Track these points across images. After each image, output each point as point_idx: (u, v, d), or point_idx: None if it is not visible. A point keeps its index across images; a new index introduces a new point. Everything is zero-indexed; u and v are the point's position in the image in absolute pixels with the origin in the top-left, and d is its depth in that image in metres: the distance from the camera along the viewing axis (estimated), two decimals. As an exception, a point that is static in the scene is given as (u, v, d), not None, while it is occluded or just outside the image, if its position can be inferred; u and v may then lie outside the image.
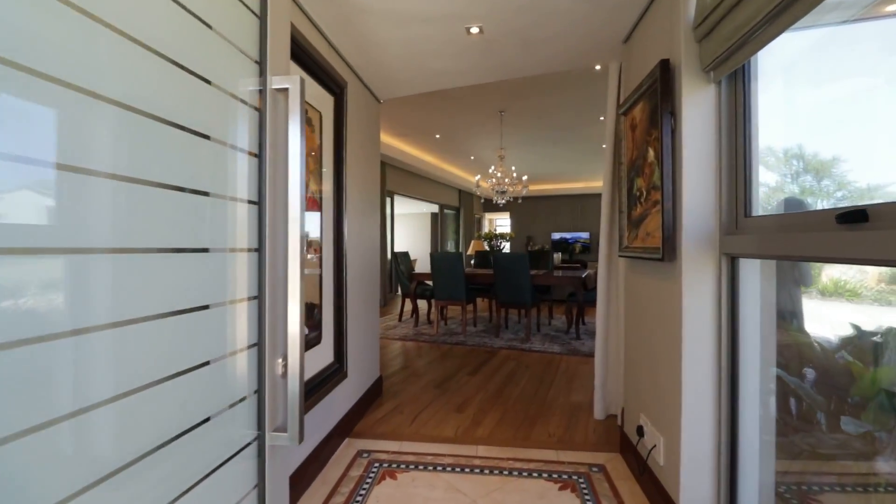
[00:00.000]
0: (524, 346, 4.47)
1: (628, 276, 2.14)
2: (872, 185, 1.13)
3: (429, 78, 2.77)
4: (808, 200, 1.32)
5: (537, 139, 6.94)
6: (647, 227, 1.76)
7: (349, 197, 2.40)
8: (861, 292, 1.37)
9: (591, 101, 5.15)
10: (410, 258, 6.45)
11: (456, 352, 4.27)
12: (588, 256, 12.26)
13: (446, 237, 11.47)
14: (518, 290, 4.73)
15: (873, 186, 1.12)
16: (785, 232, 1.21)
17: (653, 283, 1.75)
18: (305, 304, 1.94)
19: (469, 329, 5.36)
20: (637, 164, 1.88)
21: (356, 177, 2.56)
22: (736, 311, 1.46)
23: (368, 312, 2.79)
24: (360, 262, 2.62)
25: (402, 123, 6.14)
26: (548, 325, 5.60)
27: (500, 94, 4.91)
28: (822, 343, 1.45)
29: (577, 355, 4.09)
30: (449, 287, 5.03)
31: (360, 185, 2.66)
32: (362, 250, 2.67)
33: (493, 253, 5.71)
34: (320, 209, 1.95)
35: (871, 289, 1.24)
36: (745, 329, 1.46)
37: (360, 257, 2.62)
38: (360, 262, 2.61)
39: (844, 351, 1.44)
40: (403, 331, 5.26)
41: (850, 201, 1.19)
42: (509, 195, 6.39)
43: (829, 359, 1.47)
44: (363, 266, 2.68)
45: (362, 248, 2.67)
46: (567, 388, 3.17)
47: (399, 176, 8.35)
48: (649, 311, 1.80)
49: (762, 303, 1.45)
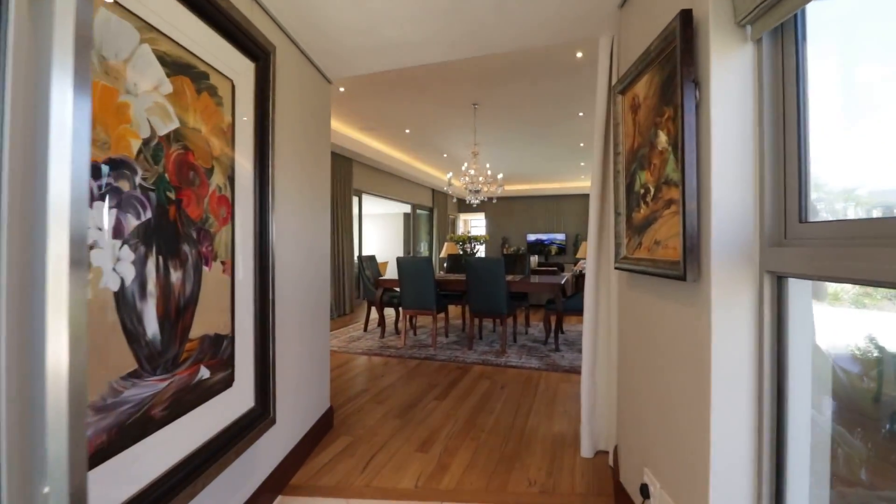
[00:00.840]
0: (499, 360, 4.06)
1: (626, 292, 1.75)
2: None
3: (385, 51, 2.32)
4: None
5: (512, 136, 6.58)
6: (655, 233, 1.37)
7: (281, 193, 1.92)
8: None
9: (569, 95, 4.81)
10: (377, 262, 5.97)
11: (424, 368, 3.83)
12: (564, 258, 12.05)
13: (419, 238, 11.02)
14: (493, 298, 4.33)
15: None
16: (871, 245, 0.82)
17: (666, 307, 1.36)
18: (207, 335, 1.47)
19: (440, 340, 4.93)
20: (641, 153, 1.49)
21: (295, 170, 2.09)
22: (784, 348, 1.08)
23: (315, 335, 2.32)
24: (302, 274, 2.15)
25: (368, 116, 5.65)
26: (524, 335, 5.22)
27: (472, 83, 4.50)
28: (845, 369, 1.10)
29: (558, 371, 3.71)
30: (418, 295, 4.58)
31: (303, 179, 2.18)
32: (305, 259, 2.20)
33: (466, 257, 5.29)
34: (230, 208, 1.48)
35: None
36: (794, 372, 1.08)
37: (301, 268, 2.15)
38: (300, 274, 2.13)
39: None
40: (368, 343, 4.77)
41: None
42: (484, 195, 6.00)
43: (855, 388, 1.12)
44: (307, 279, 2.20)
45: (305, 256, 2.20)
46: (548, 413, 2.78)
47: (367, 174, 7.84)
48: (660, 340, 1.41)
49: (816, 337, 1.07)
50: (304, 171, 2.21)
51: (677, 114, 1.21)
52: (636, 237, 1.54)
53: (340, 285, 6.69)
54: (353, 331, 5.48)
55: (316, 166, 2.36)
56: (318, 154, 2.40)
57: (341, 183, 6.76)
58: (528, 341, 4.88)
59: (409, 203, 9.95)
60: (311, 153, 2.30)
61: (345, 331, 5.48)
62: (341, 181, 6.76)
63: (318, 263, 2.41)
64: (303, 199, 2.18)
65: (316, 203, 2.38)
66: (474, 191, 5.36)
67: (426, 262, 4.51)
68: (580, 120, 5.79)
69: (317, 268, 2.37)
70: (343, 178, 6.82)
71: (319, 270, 2.42)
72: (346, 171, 6.90)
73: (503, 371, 3.74)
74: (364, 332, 5.39)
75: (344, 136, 6.33)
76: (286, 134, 1.99)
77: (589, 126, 6.06)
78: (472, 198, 5.55)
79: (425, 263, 4.50)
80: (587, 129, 6.24)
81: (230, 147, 1.49)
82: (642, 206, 1.48)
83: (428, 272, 4.50)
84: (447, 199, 11.82)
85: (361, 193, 7.76)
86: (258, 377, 1.63)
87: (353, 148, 6.58)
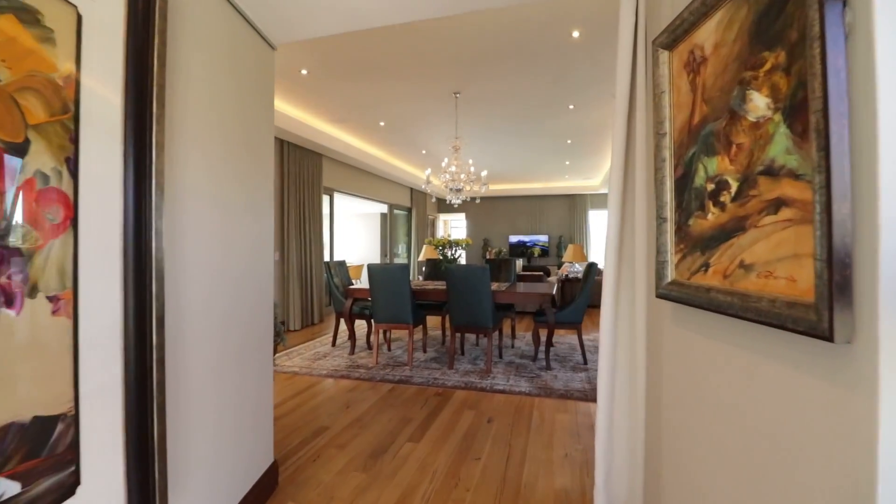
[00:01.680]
0: (484, 382, 3.56)
1: (672, 329, 1.26)
2: None
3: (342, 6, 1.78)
4: None
5: (496, 132, 6.10)
6: (743, 252, 0.88)
7: (186, 186, 1.37)
8: None
9: (559, 85, 4.35)
10: (348, 268, 5.40)
11: (399, 394, 3.30)
12: (547, 261, 11.69)
13: (396, 240, 10.45)
14: (477, 311, 3.83)
15: None
16: None
17: (769, 371, 0.86)
18: (15, 424, 0.89)
19: (417, 357, 4.40)
20: (707, 130, 1.00)
21: (214, 155, 1.53)
22: None
23: (247, 376, 1.76)
24: (223, 296, 1.59)
25: (337, 106, 5.08)
26: (511, 348, 4.74)
27: (453, 68, 3.99)
28: None
29: (552, 396, 3.24)
30: (391, 307, 4.04)
31: (227, 168, 1.63)
32: (231, 276, 1.64)
33: (446, 263, 4.78)
34: (71, 208, 0.93)
35: None
36: None
37: (222, 289, 1.59)
38: (221, 296, 1.58)
39: None
40: (335, 361, 4.21)
41: None
42: (466, 194, 5.49)
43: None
44: (231, 303, 1.65)
45: (231, 271, 1.65)
46: (546, 459, 2.29)
47: (339, 171, 7.25)
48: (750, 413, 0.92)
49: None
50: (231, 157, 1.65)
51: (798, 58, 0.72)
52: (696, 255, 1.05)
53: (308, 293, 6.08)
54: (320, 345, 4.90)
55: (250, 152, 1.81)
56: (254, 137, 1.84)
57: (309, 180, 6.15)
58: (516, 357, 4.40)
59: (386, 203, 9.38)
60: (243, 135, 1.75)
61: (311, 346, 4.89)
62: (309, 178, 6.15)
63: (257, 279, 1.85)
64: (226, 193, 1.63)
65: (251, 199, 1.82)
66: (455, 189, 4.85)
67: (401, 269, 3.97)
68: (570, 114, 5.35)
69: (253, 285, 1.82)
70: (311, 175, 6.21)
71: (257, 288, 1.86)
72: (314, 167, 6.29)
73: (489, 397, 3.24)
74: (332, 346, 4.82)
75: (311, 128, 5.73)
76: (200, 106, 1.43)
77: (579, 121, 5.63)
78: (452, 197, 5.05)
79: (400, 271, 3.97)
80: (577, 125, 5.81)
81: (70, 112, 0.93)
82: (711, 210, 0.99)
83: (403, 281, 3.97)
84: (426, 198, 11.29)
85: (333, 192, 7.16)
86: (132, 465, 1.07)
87: (323, 142, 5.98)
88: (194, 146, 1.41)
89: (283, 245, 5.76)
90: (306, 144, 5.92)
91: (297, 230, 5.93)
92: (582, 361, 4.15)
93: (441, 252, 4.77)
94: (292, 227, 5.79)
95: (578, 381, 3.59)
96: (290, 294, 5.73)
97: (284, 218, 5.73)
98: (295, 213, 5.86)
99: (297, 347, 4.79)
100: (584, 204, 11.34)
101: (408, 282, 3.98)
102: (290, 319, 5.75)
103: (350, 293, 4.44)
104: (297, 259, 5.91)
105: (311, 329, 5.89)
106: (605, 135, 6.40)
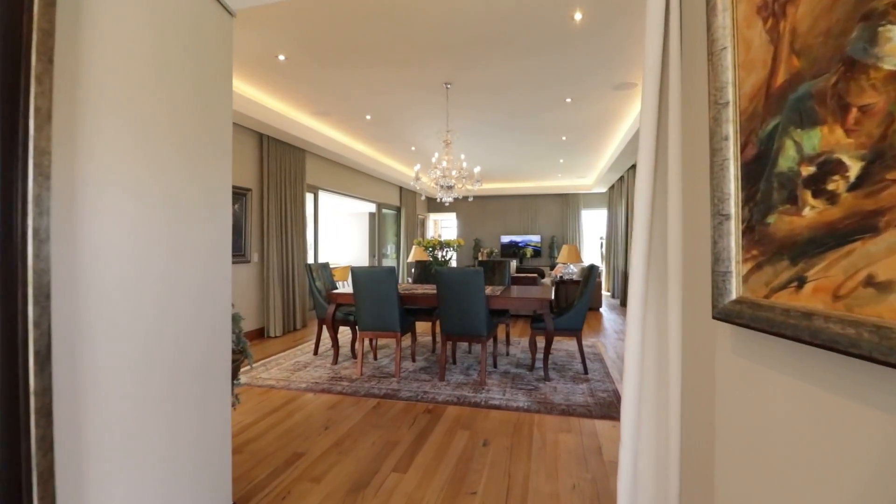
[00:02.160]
0: (478, 396, 3.27)
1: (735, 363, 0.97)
2: None
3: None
4: None
5: (488, 126, 5.82)
6: (880, 263, 0.60)
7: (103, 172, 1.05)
8: None
9: (556, 76, 4.08)
10: (331, 269, 5.08)
11: (384, 411, 2.99)
12: (539, 261, 11.46)
13: (385, 240, 10.13)
14: (470, 318, 3.54)
15: None
16: None
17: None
18: None
19: (405, 366, 4.09)
20: (803, 93, 0.72)
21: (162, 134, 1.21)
22: None
23: (193, 407, 1.44)
24: (154, 316, 1.27)
25: (320, 97, 4.75)
26: (506, 356, 4.46)
27: (444, 56, 3.69)
28: None
29: (553, 413, 2.96)
30: (377, 314, 3.73)
31: (170, 154, 1.31)
32: (173, 287, 1.32)
33: (436, 265, 4.48)
34: None
35: None
36: None
37: (154, 308, 1.27)
38: (151, 316, 1.26)
39: None
40: (317, 373, 3.88)
41: None
42: (458, 192, 5.19)
43: None
44: (168, 320, 1.33)
45: (172, 282, 1.33)
46: (552, 492, 2.00)
47: (324, 168, 6.91)
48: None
49: None
50: (176, 140, 1.33)
51: None
52: (781, 264, 0.76)
53: (290, 297, 5.73)
54: (301, 354, 4.56)
55: (200, 134, 1.49)
56: (205, 116, 1.52)
57: (291, 177, 5.81)
58: (511, 365, 4.12)
59: (374, 202, 9.06)
60: (191, 113, 1.43)
61: (291, 354, 4.55)
62: (291, 175, 5.81)
63: (209, 290, 1.53)
64: (173, 186, 1.31)
65: (207, 194, 1.50)
66: (446, 186, 4.55)
67: (387, 273, 3.67)
68: (566, 108, 5.09)
69: (205, 297, 1.50)
70: (293, 172, 5.87)
71: (209, 300, 1.54)
72: (297, 163, 5.95)
73: (484, 414, 2.95)
74: (315, 355, 4.49)
75: (293, 121, 5.39)
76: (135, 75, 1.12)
77: (575, 115, 5.38)
78: (443, 195, 4.75)
79: (386, 275, 3.66)
80: (573, 120, 5.56)
81: None
82: (809, 203, 0.71)
83: (390, 286, 3.66)
84: (416, 197, 10.99)
85: (317, 190, 6.82)
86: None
87: (305, 136, 5.64)
88: (124, 123, 1.09)
89: (263, 246, 5.41)
90: (287, 139, 5.57)
91: (278, 230, 5.58)
92: (582, 371, 3.88)
93: (431, 253, 4.47)
94: (272, 227, 5.44)
95: (580, 393, 3.32)
96: (271, 298, 5.39)
97: (264, 217, 5.38)
98: (276, 212, 5.52)
99: (277, 356, 4.45)
100: (577, 204, 11.14)
101: (395, 286, 3.68)
102: (270, 325, 5.40)
103: (333, 298, 4.12)
104: (278, 261, 5.57)
105: (294, 335, 5.55)
106: (602, 131, 6.16)
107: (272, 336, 5.40)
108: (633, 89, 4.49)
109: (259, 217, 5.37)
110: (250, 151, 5.23)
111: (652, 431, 1.35)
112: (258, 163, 5.36)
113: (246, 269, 5.16)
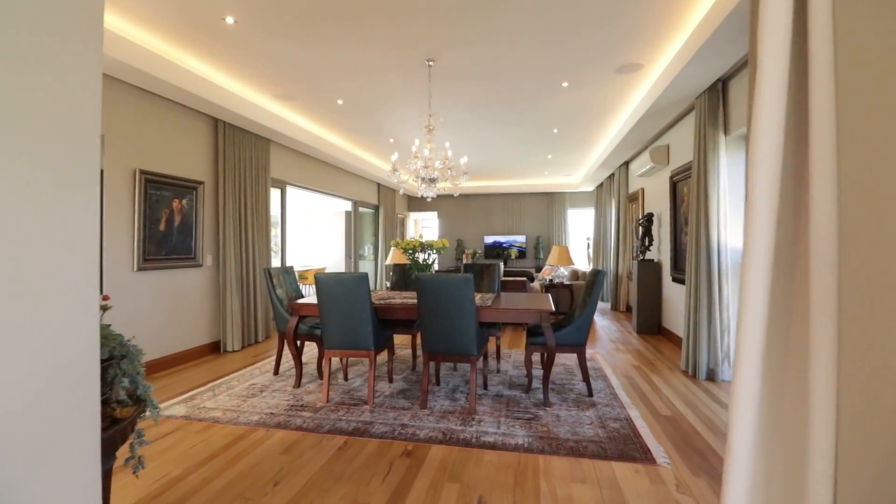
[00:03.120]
0: (468, 430, 2.71)
1: None
2: None
3: None
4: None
5: (473, 116, 5.27)
6: None
7: None
8: None
9: (553, 55, 3.55)
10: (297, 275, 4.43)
11: (351, 455, 2.40)
12: (525, 263, 11.00)
13: (362, 241, 9.47)
14: (457, 334, 2.97)
15: None
16: None
17: None
18: None
19: (381, 388, 3.50)
20: None
21: None
22: None
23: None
24: None
25: (282, 74, 4.10)
26: (496, 374, 3.92)
27: (426, 23, 3.11)
28: None
29: (560, 451, 2.42)
30: (346, 329, 3.13)
31: None
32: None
33: (418, 270, 3.90)
34: None
35: None
36: None
37: None
38: None
39: None
40: (273, 400, 3.25)
41: None
42: (441, 188, 4.60)
43: None
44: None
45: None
46: (576, 588, 1.45)
47: (293, 160, 6.24)
48: None
49: None
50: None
51: None
52: None
53: (251, 306, 5.05)
54: (259, 373, 3.91)
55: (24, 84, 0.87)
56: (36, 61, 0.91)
57: (253, 169, 5.13)
58: (504, 386, 3.57)
59: (350, 199, 8.40)
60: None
61: (247, 374, 3.90)
62: (253, 167, 5.13)
63: (42, 311, 0.92)
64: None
65: (24, 149, 0.89)
66: (429, 179, 3.98)
67: (358, 281, 3.07)
68: (562, 94, 4.58)
69: (30, 326, 0.88)
70: (255, 164, 5.19)
71: (40, 331, 0.92)
72: (259, 153, 5.27)
73: (476, 456, 2.39)
74: (274, 375, 3.85)
75: (252, 104, 4.73)
76: None
77: (571, 103, 4.87)
78: (425, 190, 4.18)
79: (356, 283, 3.06)
80: (568, 108, 5.06)
81: None
82: None
83: (361, 296, 3.06)
84: (395, 195, 10.36)
85: (285, 185, 6.14)
86: None
87: (269, 124, 4.98)
88: None
89: (218, 247, 4.73)
90: (247, 125, 4.90)
91: (237, 229, 4.90)
92: (586, 392, 3.37)
93: (411, 256, 3.88)
94: (230, 226, 4.76)
95: (588, 423, 2.79)
96: (228, 307, 4.70)
97: (219, 214, 4.70)
98: (234, 209, 4.84)
99: (230, 377, 3.79)
100: (563, 202, 10.72)
101: (368, 296, 3.08)
102: (227, 338, 4.71)
103: (295, 309, 3.49)
104: (236, 264, 4.89)
105: (254, 349, 4.88)
106: (597, 121, 5.69)
107: (230, 350, 4.72)
108: (638, 72, 4.01)
109: (213, 214, 4.69)
110: (203, 137, 4.54)
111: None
112: (212, 152, 4.68)
113: (196, 274, 4.47)
